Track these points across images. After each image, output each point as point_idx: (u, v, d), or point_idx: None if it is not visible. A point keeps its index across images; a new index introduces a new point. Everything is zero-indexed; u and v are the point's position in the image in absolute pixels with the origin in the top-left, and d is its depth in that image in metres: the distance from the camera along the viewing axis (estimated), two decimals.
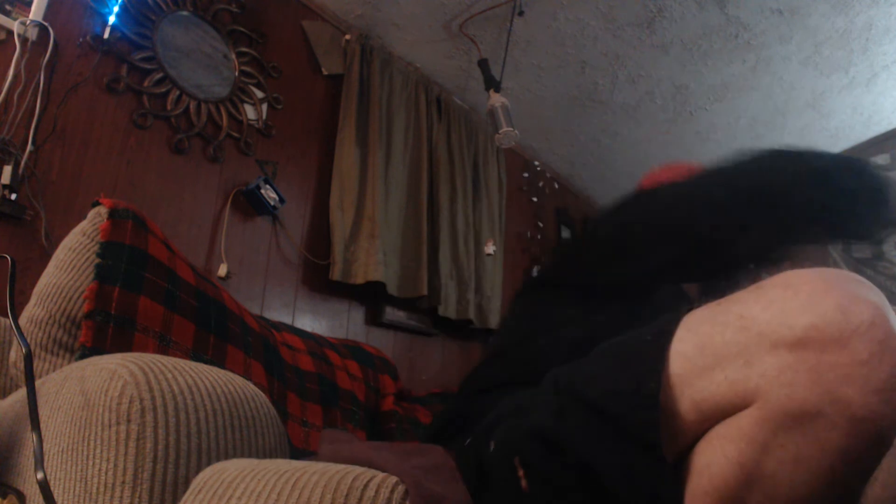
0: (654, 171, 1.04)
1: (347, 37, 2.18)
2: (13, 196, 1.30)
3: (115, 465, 0.56)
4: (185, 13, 1.73)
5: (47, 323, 0.80)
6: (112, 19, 1.53)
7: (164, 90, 1.63)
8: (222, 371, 0.70)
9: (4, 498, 0.65)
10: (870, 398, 0.40)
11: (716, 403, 0.47)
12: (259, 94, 1.89)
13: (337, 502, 0.46)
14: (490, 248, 2.51)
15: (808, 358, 0.42)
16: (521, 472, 0.55)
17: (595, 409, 0.52)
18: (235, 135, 1.80)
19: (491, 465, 0.58)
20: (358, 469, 0.50)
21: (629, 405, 0.49)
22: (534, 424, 0.56)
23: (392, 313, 2.13)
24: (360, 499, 0.46)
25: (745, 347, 0.45)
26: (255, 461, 0.55)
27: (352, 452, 0.61)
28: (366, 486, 0.47)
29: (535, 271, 2.96)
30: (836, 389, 0.41)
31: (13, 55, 1.35)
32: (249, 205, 1.80)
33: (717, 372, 0.47)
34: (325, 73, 2.12)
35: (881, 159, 3.04)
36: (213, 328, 1.00)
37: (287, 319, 1.81)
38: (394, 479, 0.48)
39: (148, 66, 1.61)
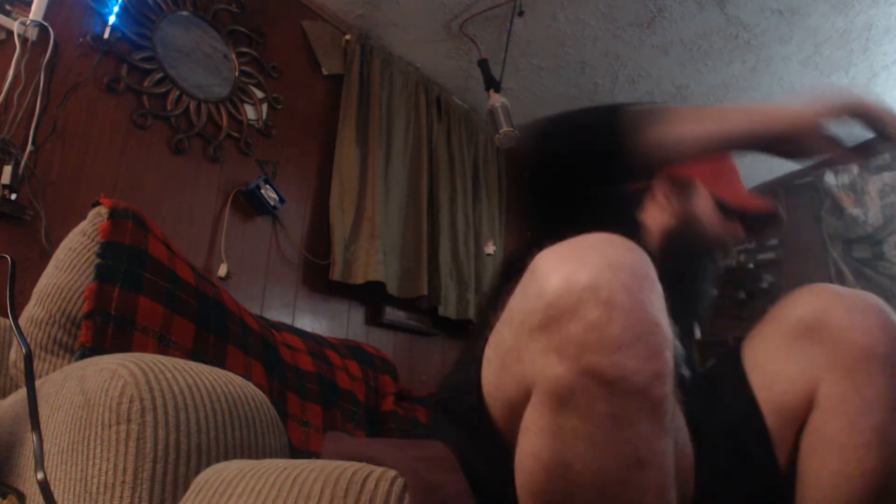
0: None
1: (347, 37, 2.18)
2: (13, 196, 1.29)
3: (116, 465, 0.56)
4: (185, 13, 1.72)
5: (47, 323, 0.80)
6: (112, 19, 1.53)
7: (164, 90, 1.63)
8: (222, 371, 0.70)
9: (4, 498, 0.65)
10: (613, 358, 0.39)
11: (515, 400, 0.47)
12: (259, 94, 1.89)
13: (337, 496, 0.46)
14: (490, 248, 2.51)
15: (553, 336, 0.42)
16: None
17: (443, 407, 0.63)
18: (235, 135, 1.80)
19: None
20: (357, 464, 0.50)
21: (457, 396, 0.58)
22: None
23: (392, 313, 2.13)
24: (360, 492, 0.46)
25: (515, 341, 0.46)
26: (254, 461, 0.56)
27: (351, 449, 0.62)
28: (365, 479, 0.47)
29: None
30: (581, 359, 0.40)
31: (13, 55, 1.35)
32: (249, 205, 1.80)
33: (506, 370, 0.48)
34: (325, 73, 2.12)
35: (881, 159, 3.03)
36: (213, 328, 1.00)
37: (287, 319, 1.81)
38: (392, 472, 0.49)
39: (148, 66, 1.60)
